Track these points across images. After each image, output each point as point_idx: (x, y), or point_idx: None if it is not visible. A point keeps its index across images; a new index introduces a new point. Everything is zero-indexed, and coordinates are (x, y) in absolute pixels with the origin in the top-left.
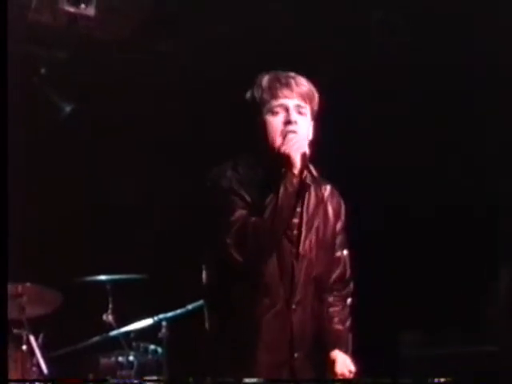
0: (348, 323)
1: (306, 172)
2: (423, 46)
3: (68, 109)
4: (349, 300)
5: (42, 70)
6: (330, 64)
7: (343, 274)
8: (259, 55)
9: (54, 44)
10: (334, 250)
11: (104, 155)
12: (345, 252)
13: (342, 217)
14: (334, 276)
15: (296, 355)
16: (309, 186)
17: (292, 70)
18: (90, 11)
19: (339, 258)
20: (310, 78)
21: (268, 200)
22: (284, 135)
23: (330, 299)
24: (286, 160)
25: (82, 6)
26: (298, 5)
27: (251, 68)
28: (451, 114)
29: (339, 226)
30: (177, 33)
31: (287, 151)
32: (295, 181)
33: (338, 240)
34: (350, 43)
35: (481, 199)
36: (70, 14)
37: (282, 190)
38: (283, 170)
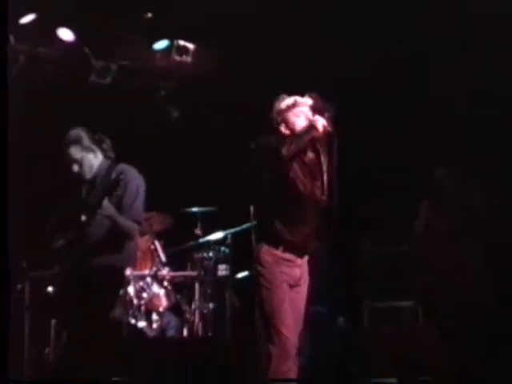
0: None
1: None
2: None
3: (175, 114)
4: None
5: (162, 92)
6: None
7: None
8: None
9: (168, 77)
10: None
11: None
12: None
13: None
14: None
15: None
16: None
17: None
18: (188, 59)
19: None
20: None
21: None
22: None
23: None
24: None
25: (184, 56)
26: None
27: None
28: None
29: None
30: None
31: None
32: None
33: None
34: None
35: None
36: (177, 60)
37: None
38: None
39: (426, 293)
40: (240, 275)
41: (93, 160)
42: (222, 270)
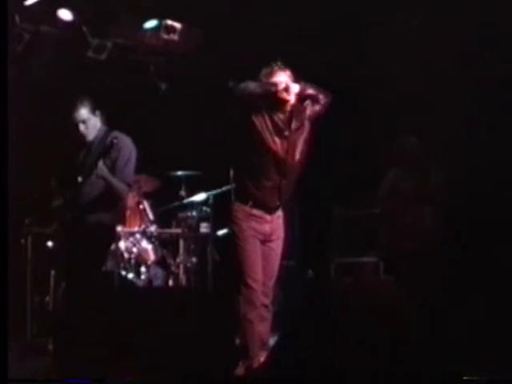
0: None
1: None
2: None
3: (163, 87)
4: None
5: (151, 67)
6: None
7: None
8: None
9: (157, 53)
10: None
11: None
12: None
13: None
14: None
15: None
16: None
17: None
18: (175, 37)
19: None
20: None
21: None
22: None
23: None
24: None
25: (171, 34)
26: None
27: None
28: None
29: None
30: None
31: None
32: None
33: None
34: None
35: None
36: (165, 38)
37: None
38: None
39: (387, 250)
40: (220, 232)
41: (96, 123)
42: (204, 227)
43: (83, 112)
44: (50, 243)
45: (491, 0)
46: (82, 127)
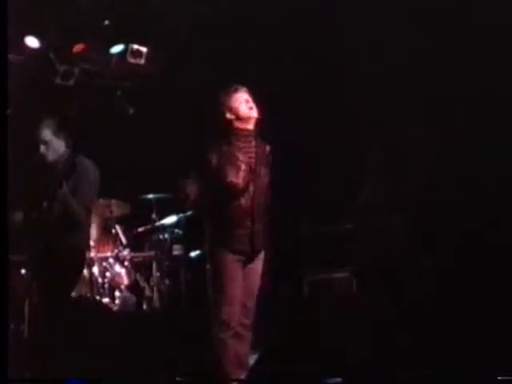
0: None
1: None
2: None
3: (131, 110)
4: None
5: (118, 91)
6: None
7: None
8: None
9: (124, 78)
10: None
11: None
12: None
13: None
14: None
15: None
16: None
17: None
18: (141, 61)
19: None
20: None
21: None
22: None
23: None
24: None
25: (138, 59)
26: None
27: None
28: None
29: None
30: None
31: None
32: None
33: None
34: None
35: None
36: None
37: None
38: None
39: (359, 264)
40: (193, 254)
41: (58, 146)
42: (177, 249)
43: (46, 133)
44: (23, 271)
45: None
46: (42, 148)
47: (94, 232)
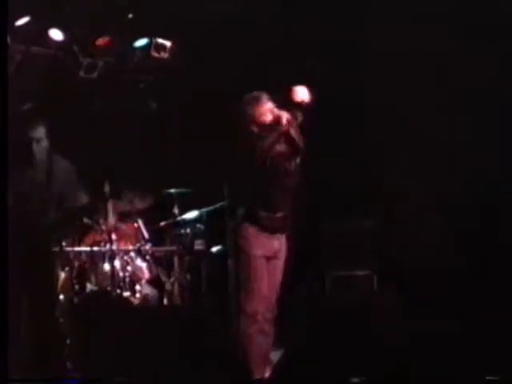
0: None
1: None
2: None
3: (153, 105)
4: None
5: (141, 85)
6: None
7: None
8: None
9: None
10: None
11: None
12: None
13: None
14: None
15: None
16: None
17: None
18: (165, 55)
19: None
20: None
21: None
22: None
23: None
24: None
25: (162, 53)
26: None
27: None
28: None
29: None
30: None
31: None
32: None
33: None
34: None
35: None
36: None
37: None
38: None
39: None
40: (214, 249)
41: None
42: (198, 244)
43: (40, 131)
44: None
45: None
46: (34, 146)
47: (115, 225)
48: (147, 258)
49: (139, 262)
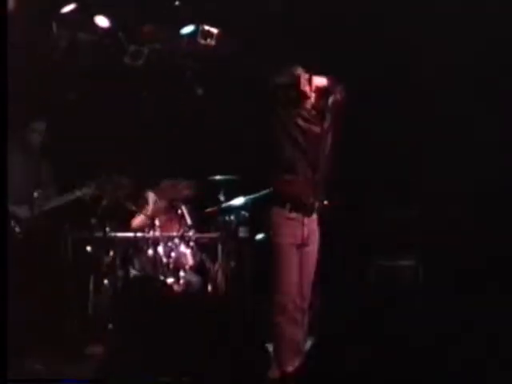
0: None
1: None
2: None
3: (200, 91)
4: None
5: (188, 72)
6: None
7: None
8: None
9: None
10: None
11: None
12: None
13: None
14: None
15: None
16: None
17: None
18: (212, 42)
19: None
20: None
21: None
22: None
23: None
24: None
25: (208, 40)
26: None
27: None
28: None
29: None
30: None
31: None
32: None
33: None
34: None
35: None
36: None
37: None
38: None
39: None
40: (258, 236)
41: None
42: (243, 231)
43: (41, 124)
44: (89, 248)
45: None
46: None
47: (159, 211)
48: (191, 244)
49: (183, 248)
